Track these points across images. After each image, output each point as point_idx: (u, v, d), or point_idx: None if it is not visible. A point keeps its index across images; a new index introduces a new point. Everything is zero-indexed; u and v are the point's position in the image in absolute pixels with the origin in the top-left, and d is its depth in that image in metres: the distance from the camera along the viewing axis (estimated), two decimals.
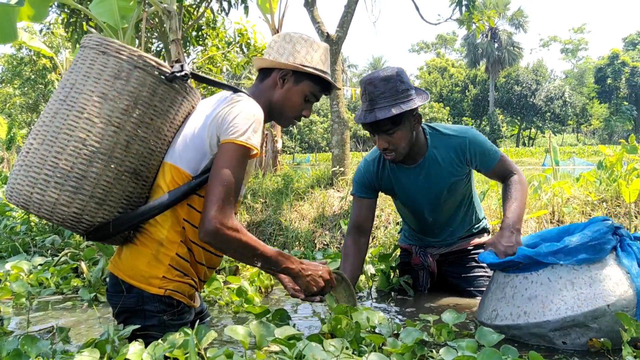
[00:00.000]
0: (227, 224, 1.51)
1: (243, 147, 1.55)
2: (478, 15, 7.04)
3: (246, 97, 1.64)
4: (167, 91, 1.61)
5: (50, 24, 12.54)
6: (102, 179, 1.51)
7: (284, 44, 1.78)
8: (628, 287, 1.74)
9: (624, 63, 52.55)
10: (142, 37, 6.38)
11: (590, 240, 1.78)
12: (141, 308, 1.62)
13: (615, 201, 5.63)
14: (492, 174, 2.37)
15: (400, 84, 2.13)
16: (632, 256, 1.80)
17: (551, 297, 1.80)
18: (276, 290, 2.99)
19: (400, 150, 2.21)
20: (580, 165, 21.69)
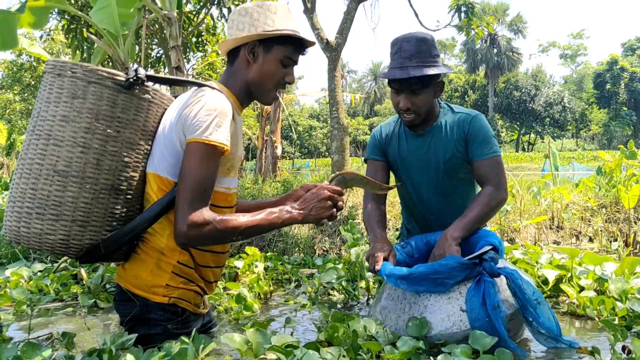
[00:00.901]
0: (197, 222, 1.48)
1: (206, 145, 1.51)
2: (477, 22, 7.07)
3: (209, 91, 1.59)
4: (129, 100, 1.55)
5: (51, 30, 12.57)
6: (80, 202, 1.49)
7: (240, 18, 1.68)
8: (457, 325, 1.77)
9: (623, 68, 52.66)
10: (143, 44, 6.41)
11: (433, 274, 1.79)
12: (146, 317, 1.62)
13: (615, 207, 5.64)
14: (477, 169, 2.23)
15: (434, 49, 2.18)
16: (478, 296, 1.77)
17: (392, 313, 1.91)
18: (275, 296, 2.99)
19: (420, 113, 2.21)
20: (579, 170, 21.73)
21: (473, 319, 1.75)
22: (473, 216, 2.07)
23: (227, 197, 1.72)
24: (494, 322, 1.71)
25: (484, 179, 2.20)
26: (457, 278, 1.81)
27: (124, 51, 5.97)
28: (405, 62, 2.13)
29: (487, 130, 2.26)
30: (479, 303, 1.76)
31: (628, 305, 2.23)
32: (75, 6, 7.95)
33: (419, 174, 2.37)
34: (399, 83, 2.17)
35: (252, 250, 3.46)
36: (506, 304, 1.80)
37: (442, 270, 1.79)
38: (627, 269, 2.67)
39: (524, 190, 5.91)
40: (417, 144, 2.35)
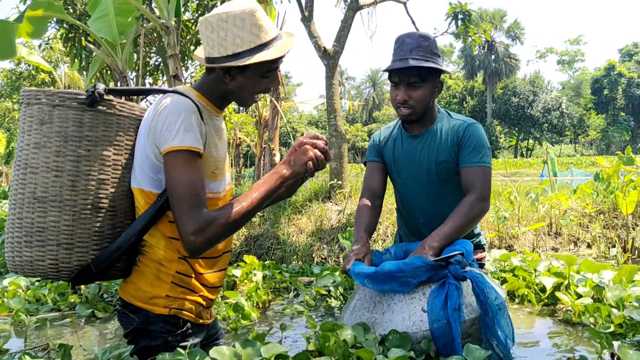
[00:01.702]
0: (200, 227, 1.46)
1: (181, 152, 1.49)
2: (474, 29, 7.08)
3: (170, 97, 1.56)
4: (95, 117, 1.54)
5: (49, 39, 12.60)
6: (62, 225, 1.50)
7: (208, 34, 1.57)
8: (417, 325, 1.77)
9: (621, 74, 52.85)
10: (141, 52, 6.42)
11: (398, 272, 1.80)
12: (147, 328, 1.61)
13: (613, 213, 5.64)
14: (464, 175, 2.23)
15: (435, 48, 2.24)
16: (441, 298, 1.77)
17: (357, 312, 1.93)
18: (273, 305, 2.98)
19: (417, 108, 2.24)
20: (578, 176, 21.76)
21: (433, 319, 1.76)
22: (452, 226, 2.07)
23: (218, 203, 1.68)
24: (451, 324, 1.72)
25: (469, 187, 2.19)
26: (421, 278, 1.81)
27: (122, 60, 5.99)
28: (406, 55, 2.19)
29: (481, 139, 2.26)
30: (441, 305, 1.76)
31: (625, 313, 2.23)
32: (73, 15, 7.97)
33: (411, 176, 2.38)
34: (398, 75, 2.21)
35: (250, 258, 3.46)
36: (469, 309, 1.81)
37: (406, 269, 1.80)
38: (625, 276, 2.68)
39: (522, 196, 5.91)
40: (411, 146, 2.37)
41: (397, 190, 2.51)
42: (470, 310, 1.81)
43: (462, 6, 6.88)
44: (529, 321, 2.64)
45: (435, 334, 1.75)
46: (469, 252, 1.95)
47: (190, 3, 8.53)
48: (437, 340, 1.75)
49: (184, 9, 8.14)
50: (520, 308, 2.83)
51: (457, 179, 2.31)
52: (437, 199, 2.35)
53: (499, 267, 3.32)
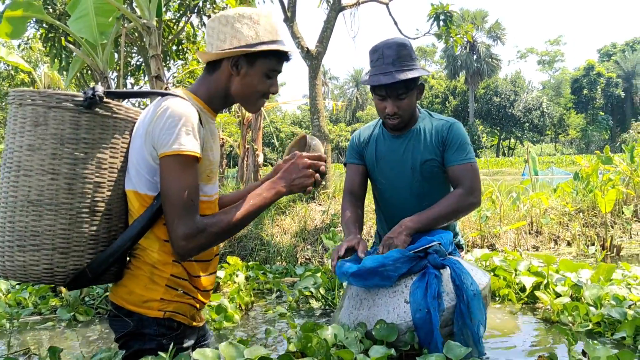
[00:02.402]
0: (191, 234, 1.47)
1: (179, 156, 1.48)
2: (455, 30, 7.14)
3: (171, 100, 1.55)
4: (92, 119, 1.52)
5: (29, 39, 12.42)
6: (58, 229, 1.47)
7: (221, 27, 1.62)
8: (401, 317, 1.81)
9: (600, 74, 53.65)
10: (122, 52, 6.36)
11: (380, 267, 1.83)
12: (141, 331, 1.58)
13: (592, 211, 5.74)
14: (452, 173, 2.27)
15: (413, 53, 2.25)
16: (422, 288, 1.81)
17: (345, 310, 1.97)
18: (256, 306, 2.98)
19: (405, 116, 2.27)
20: (558, 174, 22.02)
21: (415, 310, 1.79)
22: (434, 212, 2.12)
23: (210, 205, 1.69)
24: (432, 312, 1.75)
25: (457, 182, 2.24)
26: (401, 270, 1.84)
27: (103, 60, 5.92)
28: (389, 68, 2.18)
29: (465, 137, 2.31)
30: (422, 294, 1.80)
31: (603, 312, 2.27)
32: (53, 15, 7.87)
33: (395, 175, 2.39)
34: (385, 89, 2.20)
35: (233, 260, 3.45)
36: (448, 297, 1.83)
37: (387, 262, 1.83)
38: (603, 275, 2.72)
39: (504, 195, 5.98)
40: (394, 145, 2.38)
41: (379, 190, 2.51)
42: (452, 298, 1.84)
43: (444, 7, 6.94)
44: (509, 320, 2.68)
45: (418, 324, 1.78)
46: (447, 241, 1.98)
47: (172, 3, 8.47)
48: (419, 330, 1.78)
49: (166, 8, 8.09)
50: (501, 307, 2.86)
51: (441, 178, 2.35)
52: (421, 198, 2.36)
53: (480, 266, 3.35)
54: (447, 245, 1.99)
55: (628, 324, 2.09)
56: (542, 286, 2.76)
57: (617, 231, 5.53)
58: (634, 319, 2.09)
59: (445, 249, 1.95)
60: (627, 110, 56.28)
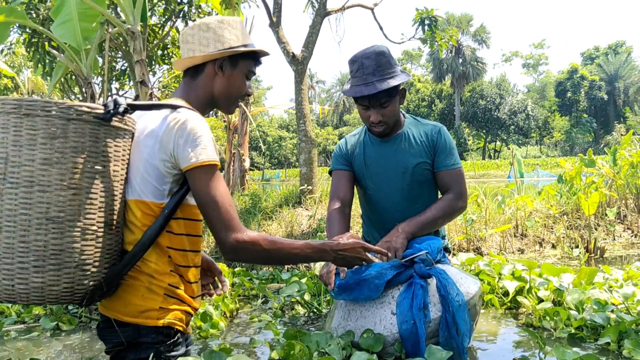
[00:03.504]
0: (243, 238, 1.53)
1: (210, 166, 1.54)
2: (440, 34, 7.19)
3: (184, 112, 1.59)
4: (109, 131, 1.50)
5: (12, 44, 12.29)
6: (80, 245, 1.43)
7: (202, 33, 1.71)
8: (388, 329, 1.82)
9: (583, 77, 54.30)
10: (106, 58, 6.32)
11: (365, 275, 1.84)
12: (137, 341, 1.56)
13: (576, 214, 5.79)
14: (442, 178, 2.35)
15: (392, 59, 2.27)
16: (408, 298, 1.82)
17: (334, 321, 1.99)
18: (241, 314, 2.97)
19: (390, 123, 2.31)
20: (543, 176, 22.25)
21: (401, 321, 1.79)
22: (428, 217, 2.21)
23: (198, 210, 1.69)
24: (417, 324, 1.75)
25: (447, 187, 2.33)
26: (386, 277, 1.84)
27: (87, 65, 5.88)
28: (370, 78, 2.20)
29: (452, 142, 2.40)
30: (408, 306, 1.80)
31: (585, 316, 2.28)
32: (36, 20, 7.79)
33: (385, 179, 2.41)
34: (368, 99, 2.23)
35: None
36: (435, 308, 1.84)
37: (372, 271, 1.84)
38: (585, 279, 2.74)
39: (489, 198, 6.02)
40: (383, 150, 2.40)
41: (369, 196, 2.52)
42: (439, 309, 1.84)
43: (429, 12, 6.98)
44: (491, 325, 2.69)
45: (404, 336, 1.78)
46: (435, 249, 1.99)
47: (157, 7, 8.44)
48: (405, 341, 1.78)
49: (151, 13, 8.05)
50: (485, 313, 2.87)
51: (431, 181, 2.41)
52: (412, 201, 2.40)
53: (466, 270, 3.37)
54: (434, 254, 1.99)
55: (611, 329, 2.10)
56: (525, 291, 2.78)
57: (601, 233, 5.59)
58: (617, 324, 2.11)
59: (433, 258, 1.96)
60: (610, 112, 57.01)
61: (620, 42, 61.39)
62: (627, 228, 5.97)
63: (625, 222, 6.05)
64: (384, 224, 2.48)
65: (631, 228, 5.95)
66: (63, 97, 12.77)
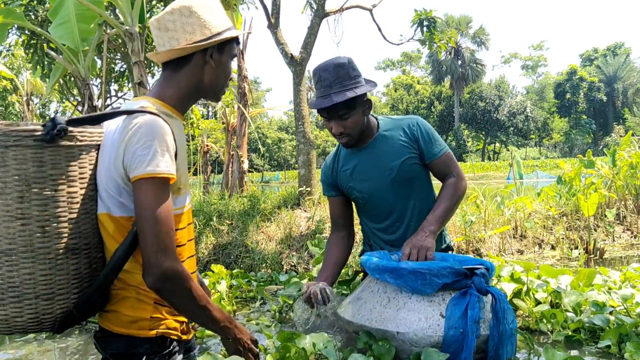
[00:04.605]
0: (177, 268, 1.40)
1: (154, 179, 1.39)
2: (439, 35, 7.18)
3: (140, 118, 1.44)
4: (56, 152, 1.38)
5: (11, 46, 12.29)
6: (38, 276, 1.36)
7: (185, 19, 1.54)
8: (434, 329, 1.74)
9: (582, 78, 54.32)
10: (104, 59, 6.32)
11: (424, 268, 1.78)
12: (131, 352, 1.50)
13: (575, 215, 5.78)
14: (436, 167, 2.39)
15: (352, 71, 2.26)
16: (461, 306, 1.77)
17: (368, 304, 1.89)
18: (239, 315, 2.95)
19: (354, 134, 2.31)
20: (543, 178, 22.21)
21: (449, 326, 1.73)
22: (443, 208, 2.24)
23: (183, 218, 1.61)
24: (469, 335, 1.70)
25: (445, 173, 2.38)
26: (445, 280, 1.78)
27: (85, 67, 5.88)
28: (327, 90, 2.22)
29: (432, 129, 2.43)
30: (460, 313, 1.74)
31: (583, 318, 2.26)
32: (35, 22, 7.79)
33: (373, 184, 2.42)
34: (326, 111, 2.26)
35: (218, 268, 3.41)
36: (484, 325, 1.78)
37: (433, 266, 1.78)
38: (583, 281, 2.72)
39: (489, 200, 6.01)
40: (363, 158, 2.42)
41: (363, 205, 2.53)
42: (486, 327, 1.79)
43: (427, 13, 6.98)
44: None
45: (448, 342, 1.72)
46: (492, 270, 1.93)
47: (155, 9, 8.43)
48: (447, 347, 1.72)
49: (149, 14, 8.04)
50: None
51: (421, 173, 2.43)
52: (407, 199, 2.42)
53: None
54: (491, 274, 1.93)
55: (612, 331, 2.08)
56: (522, 293, 2.76)
57: (600, 234, 5.58)
58: (618, 327, 2.09)
59: (489, 278, 1.90)
60: (609, 114, 57.04)
61: (619, 43, 61.46)
62: (626, 229, 5.96)
63: (625, 223, 6.04)
64: (383, 227, 2.50)
65: (630, 229, 5.94)
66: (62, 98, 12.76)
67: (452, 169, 2.37)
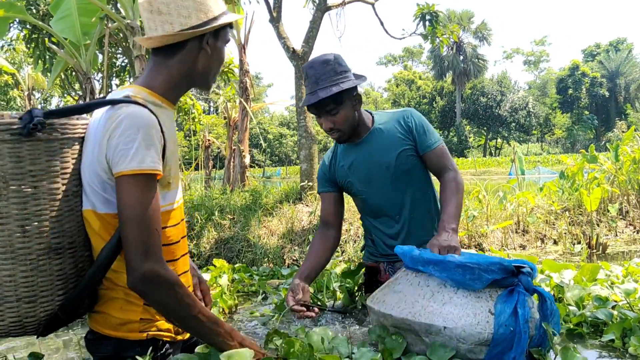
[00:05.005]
0: (159, 272, 1.32)
1: (139, 175, 1.31)
2: (441, 30, 7.16)
3: (125, 108, 1.36)
4: (35, 147, 1.31)
5: (12, 40, 12.28)
6: (19, 278, 1.30)
7: (180, 2, 1.43)
8: (483, 326, 1.67)
9: (584, 74, 54.19)
10: (106, 53, 6.30)
11: (472, 263, 1.72)
12: (120, 355, 1.45)
13: (578, 210, 5.77)
14: (430, 160, 2.40)
15: (339, 66, 2.27)
16: (510, 304, 1.70)
17: (408, 297, 1.81)
18: (241, 309, 2.94)
19: (344, 129, 2.32)
20: (544, 173, 22.19)
21: (499, 324, 1.65)
22: (455, 204, 2.25)
23: (174, 214, 1.55)
24: (521, 335, 1.64)
25: (440, 167, 2.39)
26: (495, 275, 1.71)
27: (86, 61, 5.87)
28: (314, 87, 2.23)
29: (425, 120, 2.43)
30: (510, 311, 1.67)
31: (586, 312, 2.26)
32: (36, 16, 7.77)
33: (372, 177, 2.43)
34: (315, 108, 2.27)
35: (219, 262, 3.41)
36: (532, 325, 1.72)
37: (482, 261, 1.72)
38: (586, 276, 2.71)
39: (491, 195, 5.99)
40: (360, 153, 2.43)
41: (363, 199, 2.53)
42: (533, 327, 1.74)
43: (430, 7, 6.95)
44: None
45: (497, 339, 1.66)
46: (535, 271, 1.88)
47: None
48: (495, 345, 1.66)
49: None
50: None
51: (418, 164, 2.45)
52: (403, 190, 2.44)
53: None
54: (534, 274, 1.87)
55: (615, 326, 2.07)
56: None
57: (603, 229, 5.57)
58: (622, 321, 2.08)
59: (534, 277, 1.85)
60: (612, 109, 56.91)
61: (622, 39, 61.26)
62: (629, 224, 5.94)
63: (627, 218, 6.03)
64: (384, 220, 2.52)
65: (633, 224, 5.93)
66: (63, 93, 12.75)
67: (447, 163, 2.38)
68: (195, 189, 7.00)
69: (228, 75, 9.35)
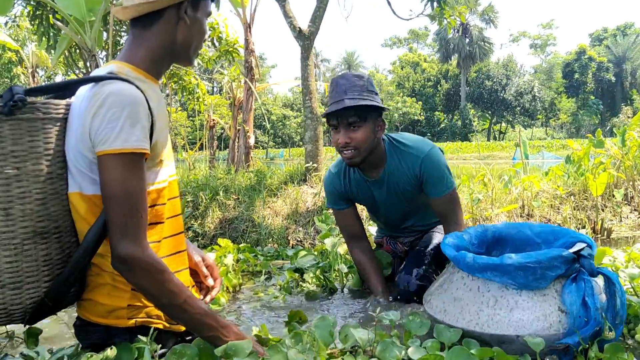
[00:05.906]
0: (136, 255, 1.28)
1: (123, 155, 1.27)
2: (449, 11, 7.07)
3: (109, 85, 1.31)
4: (17, 126, 1.26)
5: (16, 17, 12.19)
6: (3, 263, 1.26)
7: None
8: (556, 327, 1.58)
9: (591, 58, 53.73)
10: (110, 31, 6.25)
11: (533, 262, 1.60)
12: (109, 343, 1.41)
13: (583, 194, 5.75)
14: (435, 205, 2.35)
15: (370, 85, 2.21)
16: (579, 294, 1.60)
17: (471, 306, 1.70)
18: (245, 289, 2.95)
19: (360, 150, 2.18)
20: (549, 158, 22.12)
21: (572, 317, 1.57)
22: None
23: (166, 192, 1.50)
24: (599, 324, 1.56)
25: (443, 215, 2.35)
26: (559, 271, 1.61)
27: (91, 38, 5.82)
28: (341, 96, 2.14)
29: (439, 167, 2.28)
30: (580, 302, 1.58)
31: None
32: None
33: (386, 211, 2.51)
34: (336, 117, 2.17)
35: (224, 242, 3.41)
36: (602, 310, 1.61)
37: (542, 258, 1.60)
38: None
39: (496, 178, 5.98)
40: (378, 192, 2.41)
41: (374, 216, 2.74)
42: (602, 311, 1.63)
43: None
44: None
45: (571, 331, 1.57)
46: (593, 246, 1.75)
47: None
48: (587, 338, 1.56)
49: None
50: None
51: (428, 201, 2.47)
52: (412, 214, 2.57)
53: None
54: (593, 250, 1.75)
55: None
56: None
57: (608, 214, 5.56)
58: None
59: (593, 254, 1.73)
60: (617, 94, 56.54)
61: (629, 23, 60.61)
62: (634, 209, 5.93)
63: (633, 203, 6.01)
64: (390, 228, 2.74)
65: (638, 209, 5.91)
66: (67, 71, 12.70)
67: (452, 214, 2.31)
68: (200, 169, 7.00)
69: (233, 55, 9.28)
